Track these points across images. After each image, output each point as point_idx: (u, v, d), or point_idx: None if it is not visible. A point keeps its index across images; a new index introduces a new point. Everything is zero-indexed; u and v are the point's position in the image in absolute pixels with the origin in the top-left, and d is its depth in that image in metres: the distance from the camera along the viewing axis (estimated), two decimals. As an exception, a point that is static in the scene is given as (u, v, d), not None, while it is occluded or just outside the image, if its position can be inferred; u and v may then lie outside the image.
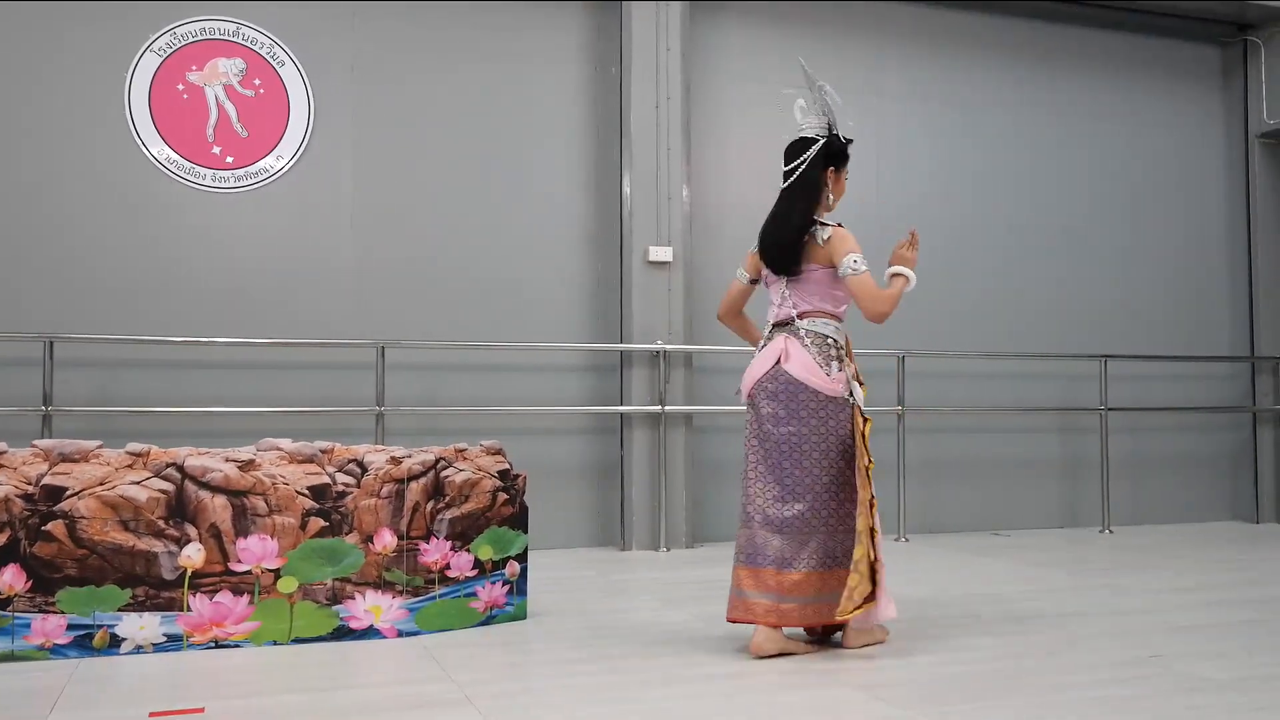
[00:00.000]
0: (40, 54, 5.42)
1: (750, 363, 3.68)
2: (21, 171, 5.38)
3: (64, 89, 5.45)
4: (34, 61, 5.41)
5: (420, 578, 3.76)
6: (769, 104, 6.72)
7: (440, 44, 6.08)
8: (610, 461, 6.22)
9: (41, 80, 5.42)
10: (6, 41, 5.38)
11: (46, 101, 5.43)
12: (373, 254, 5.91)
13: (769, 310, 3.75)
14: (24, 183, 5.38)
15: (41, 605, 3.34)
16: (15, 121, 5.38)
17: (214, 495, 3.54)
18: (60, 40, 5.45)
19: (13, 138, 5.37)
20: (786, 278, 3.71)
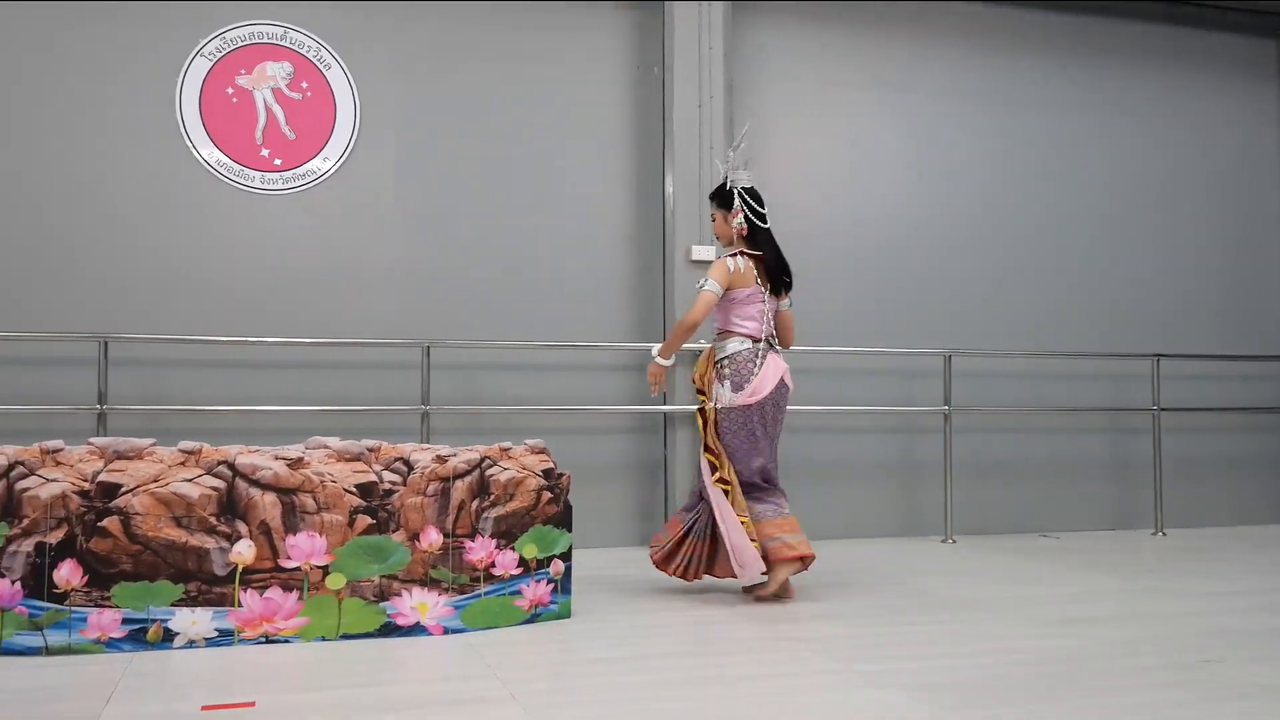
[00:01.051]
0: (94, 59, 5.55)
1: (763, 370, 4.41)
2: (76, 175, 5.51)
3: (117, 93, 5.57)
4: (88, 66, 5.54)
5: (465, 575, 3.80)
6: (811, 103, 6.71)
7: (483, 45, 6.14)
8: (653, 460, 6.25)
9: (95, 85, 5.55)
10: (62, 46, 5.51)
11: (100, 105, 5.55)
12: (417, 254, 5.98)
13: (747, 324, 4.47)
14: (79, 186, 5.51)
15: (98, 600, 3.43)
16: (70, 125, 5.51)
17: (264, 493, 3.62)
18: (113, 45, 5.57)
19: (68, 141, 5.50)
20: (773, 300, 4.55)
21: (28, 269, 5.41)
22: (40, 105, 5.48)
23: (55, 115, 5.49)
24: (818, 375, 6.54)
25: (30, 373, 5.34)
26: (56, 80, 5.50)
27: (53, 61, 5.49)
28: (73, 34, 5.52)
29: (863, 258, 6.73)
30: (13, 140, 5.43)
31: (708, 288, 4.36)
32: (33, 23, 5.47)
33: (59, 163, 5.49)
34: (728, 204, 4.52)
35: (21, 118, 5.45)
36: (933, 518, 6.67)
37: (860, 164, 6.79)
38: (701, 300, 4.35)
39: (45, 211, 5.46)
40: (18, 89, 5.45)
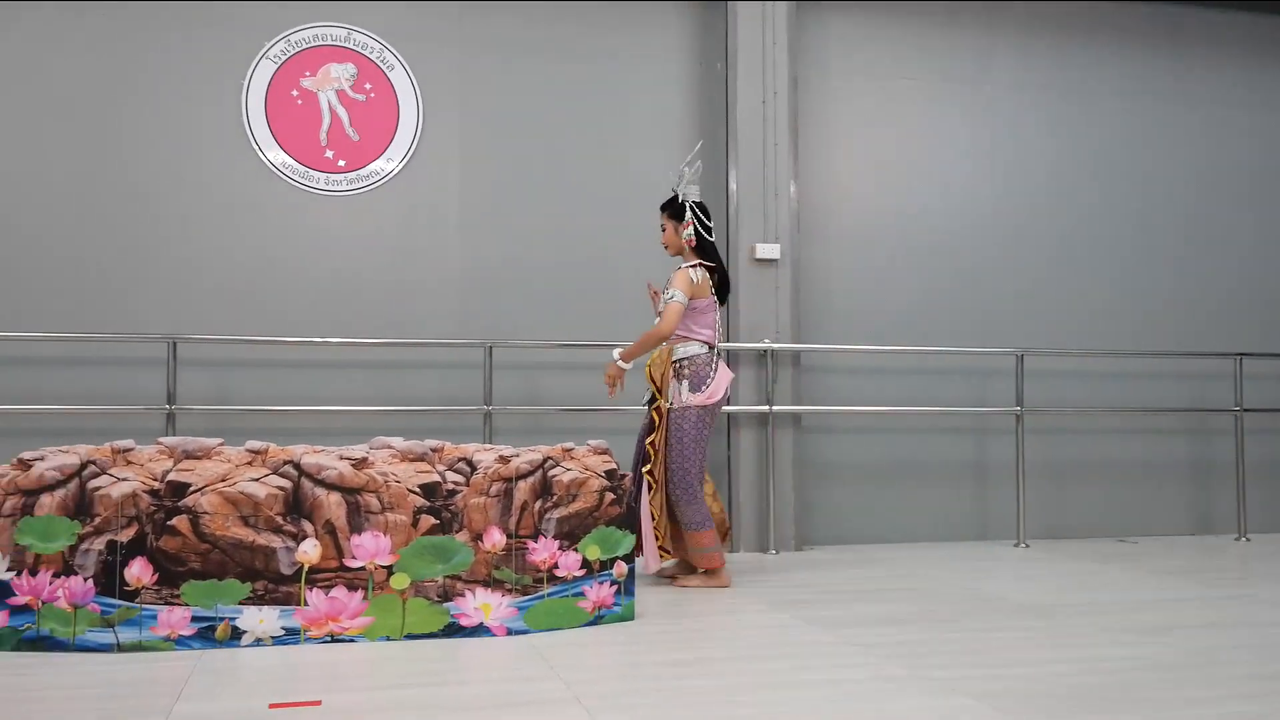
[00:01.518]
0: (161, 63, 5.68)
1: (718, 374, 4.68)
2: (145, 178, 5.65)
3: (184, 97, 5.70)
4: (156, 71, 5.67)
5: (529, 576, 3.83)
6: (876, 97, 6.65)
7: (545, 43, 6.18)
8: (717, 462, 6.23)
9: (163, 89, 5.68)
10: (129, 50, 5.65)
11: (168, 109, 5.68)
12: (479, 254, 6.03)
13: (704, 331, 4.72)
14: (148, 189, 5.65)
15: (167, 597, 3.51)
16: (139, 129, 5.65)
17: (329, 492, 3.67)
18: (180, 49, 5.70)
19: (137, 145, 5.64)
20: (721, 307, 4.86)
21: (99, 271, 5.56)
22: (109, 109, 5.62)
23: (124, 119, 5.64)
24: (887, 375, 6.48)
25: (101, 373, 5.48)
26: (125, 84, 5.64)
27: (121, 66, 5.64)
28: (140, 38, 5.66)
29: (931, 255, 6.66)
30: (83, 144, 5.58)
31: (676, 299, 4.59)
32: (101, 28, 5.62)
33: (128, 166, 5.63)
34: (679, 216, 4.78)
35: (91, 122, 5.60)
36: (1004, 521, 6.58)
37: (928, 158, 6.71)
38: (672, 311, 4.59)
39: (115, 214, 5.60)
40: (86, 93, 5.60)
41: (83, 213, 5.57)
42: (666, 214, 4.84)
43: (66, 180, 5.56)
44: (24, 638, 3.42)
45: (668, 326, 4.58)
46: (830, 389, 6.40)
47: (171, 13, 5.70)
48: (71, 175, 5.57)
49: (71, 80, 5.58)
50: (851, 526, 6.40)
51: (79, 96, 5.59)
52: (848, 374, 6.46)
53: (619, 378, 4.75)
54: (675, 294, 4.60)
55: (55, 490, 3.52)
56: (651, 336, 4.62)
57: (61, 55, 5.57)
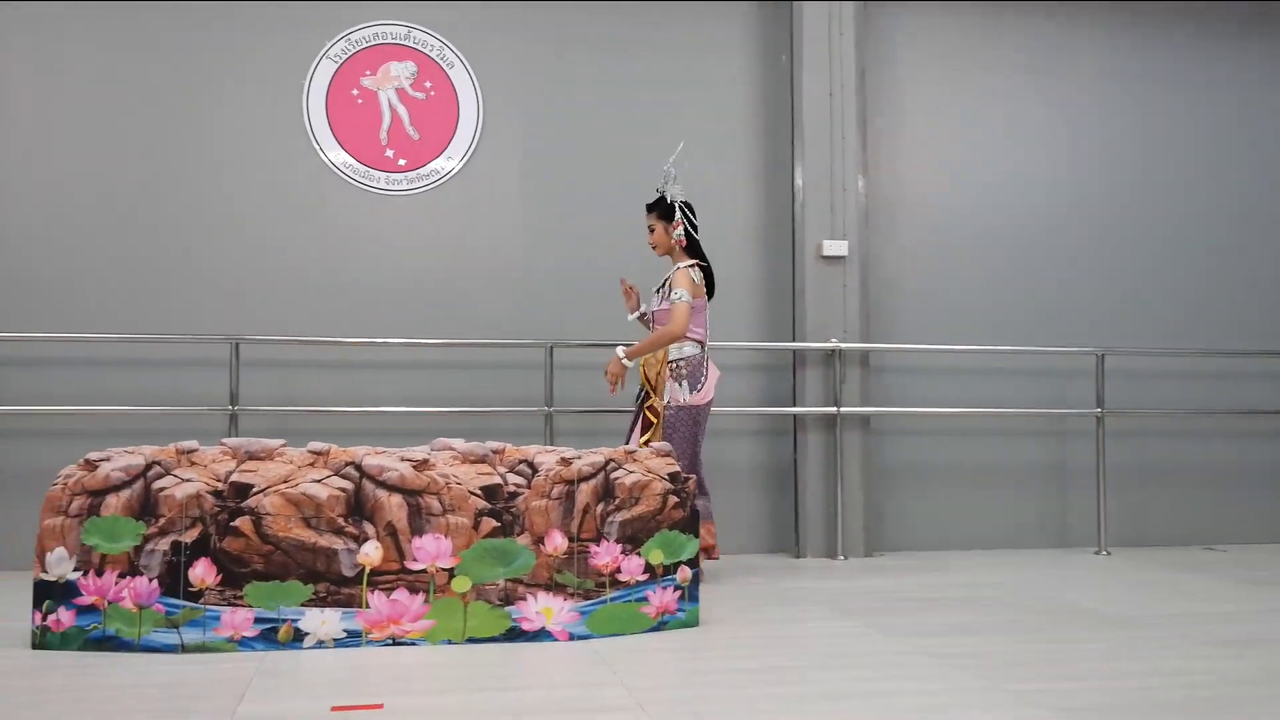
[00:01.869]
0: (223, 64, 5.79)
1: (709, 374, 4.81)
2: (207, 179, 5.75)
3: (245, 97, 5.80)
4: (217, 71, 5.78)
5: (591, 580, 3.83)
6: (949, 88, 6.57)
7: (604, 38, 6.19)
8: (783, 465, 6.20)
9: (224, 89, 5.79)
10: (191, 52, 5.76)
11: (229, 110, 5.79)
12: (540, 252, 6.06)
13: (698, 330, 4.85)
14: (209, 189, 5.75)
15: (230, 599, 3.57)
16: (200, 130, 5.76)
17: (390, 494, 3.71)
18: (241, 50, 5.80)
19: (199, 146, 5.75)
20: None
21: (163, 272, 5.67)
22: (171, 110, 5.73)
23: (186, 120, 5.75)
24: (960, 375, 6.39)
25: (166, 374, 5.60)
26: (186, 85, 5.75)
27: (182, 66, 5.75)
28: (202, 40, 5.77)
29: (1006, 250, 6.55)
30: (145, 145, 5.70)
31: (685, 299, 4.72)
32: (164, 30, 5.73)
33: (190, 167, 5.74)
34: (669, 215, 4.91)
35: (154, 124, 5.72)
36: (1084, 528, 6.45)
37: (1003, 151, 6.61)
38: (682, 312, 4.71)
39: (177, 215, 5.71)
40: (148, 94, 5.72)
41: (147, 214, 5.68)
42: (655, 214, 4.93)
43: (130, 182, 5.68)
44: (90, 637, 3.50)
45: (679, 328, 4.69)
46: (900, 390, 6.33)
47: (233, 14, 5.80)
48: (135, 177, 5.69)
49: (134, 82, 5.71)
50: (923, 532, 6.32)
51: (142, 98, 5.71)
52: (919, 374, 6.38)
53: (621, 375, 4.82)
54: (683, 294, 4.72)
55: (121, 491, 3.59)
56: (663, 336, 4.71)
57: (124, 58, 5.70)
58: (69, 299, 5.57)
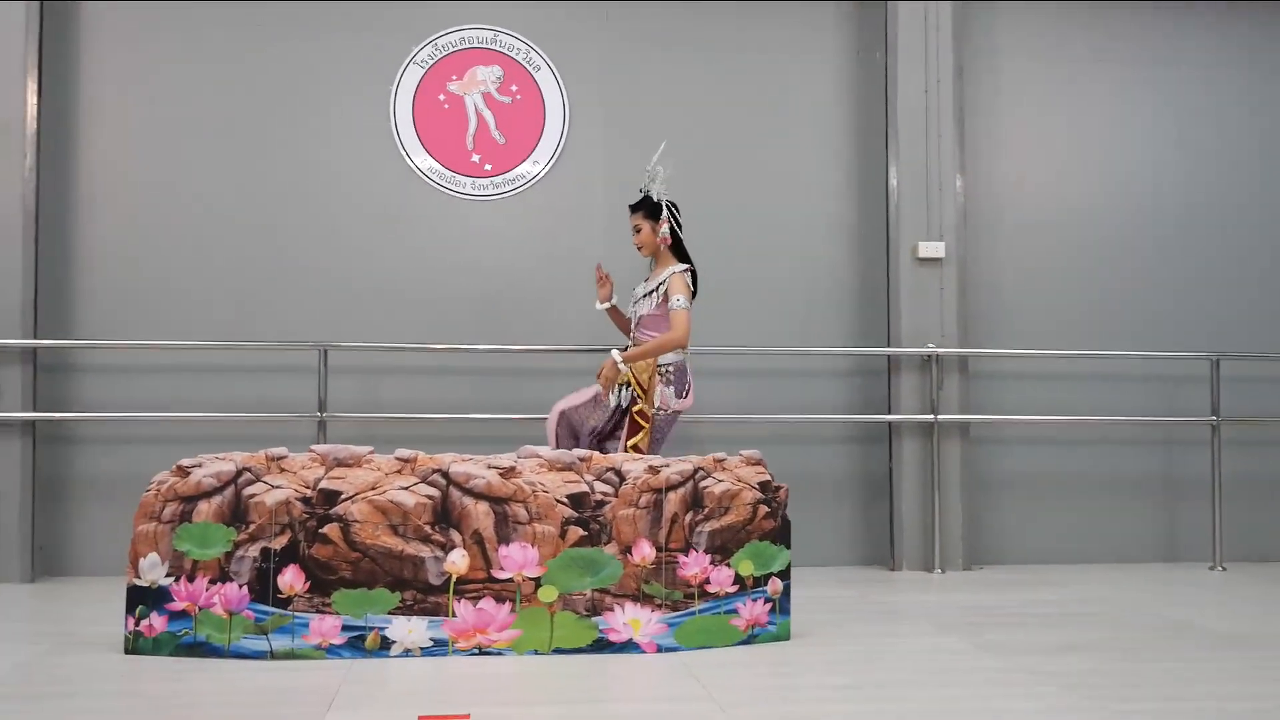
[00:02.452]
0: (310, 72, 5.92)
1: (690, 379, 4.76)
2: (295, 185, 5.89)
3: (333, 104, 5.92)
4: (304, 79, 5.92)
5: (679, 592, 3.83)
6: (1051, 82, 6.43)
7: (692, 38, 6.19)
8: (878, 474, 6.13)
9: (313, 97, 5.92)
10: (279, 59, 5.90)
11: (317, 116, 5.92)
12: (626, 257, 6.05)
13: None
14: (297, 196, 5.89)
15: (319, 605, 3.64)
16: (288, 137, 5.90)
17: (477, 502, 3.75)
18: (329, 57, 5.93)
19: (287, 152, 5.89)
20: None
21: (252, 279, 5.82)
22: (260, 118, 5.88)
23: (275, 128, 5.89)
24: (1064, 381, 6.25)
25: (255, 381, 5.74)
26: (275, 93, 5.90)
27: (271, 75, 5.90)
28: (290, 47, 5.91)
29: (1112, 250, 6.39)
30: (234, 154, 5.86)
31: (684, 305, 4.65)
32: (252, 37, 5.88)
33: (278, 173, 5.88)
34: (655, 214, 4.82)
35: (241, 131, 5.87)
36: (1197, 542, 6.25)
37: (1108, 146, 6.45)
38: (684, 319, 4.63)
39: (265, 222, 5.86)
40: (237, 103, 5.87)
41: (234, 221, 5.84)
42: (642, 213, 4.85)
43: (218, 189, 5.84)
44: (181, 643, 3.60)
45: (682, 335, 4.63)
46: (1001, 397, 6.21)
47: (320, 20, 5.93)
48: (223, 183, 5.85)
49: (223, 92, 5.87)
50: (1024, 545, 6.19)
51: (231, 107, 5.87)
52: (1020, 380, 6.25)
53: (616, 379, 4.70)
54: (682, 300, 4.66)
55: (212, 497, 3.69)
56: (666, 343, 4.62)
57: (213, 68, 5.86)
58: (162, 307, 5.74)
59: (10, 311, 5.39)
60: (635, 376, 4.69)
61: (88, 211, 5.75)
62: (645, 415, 4.65)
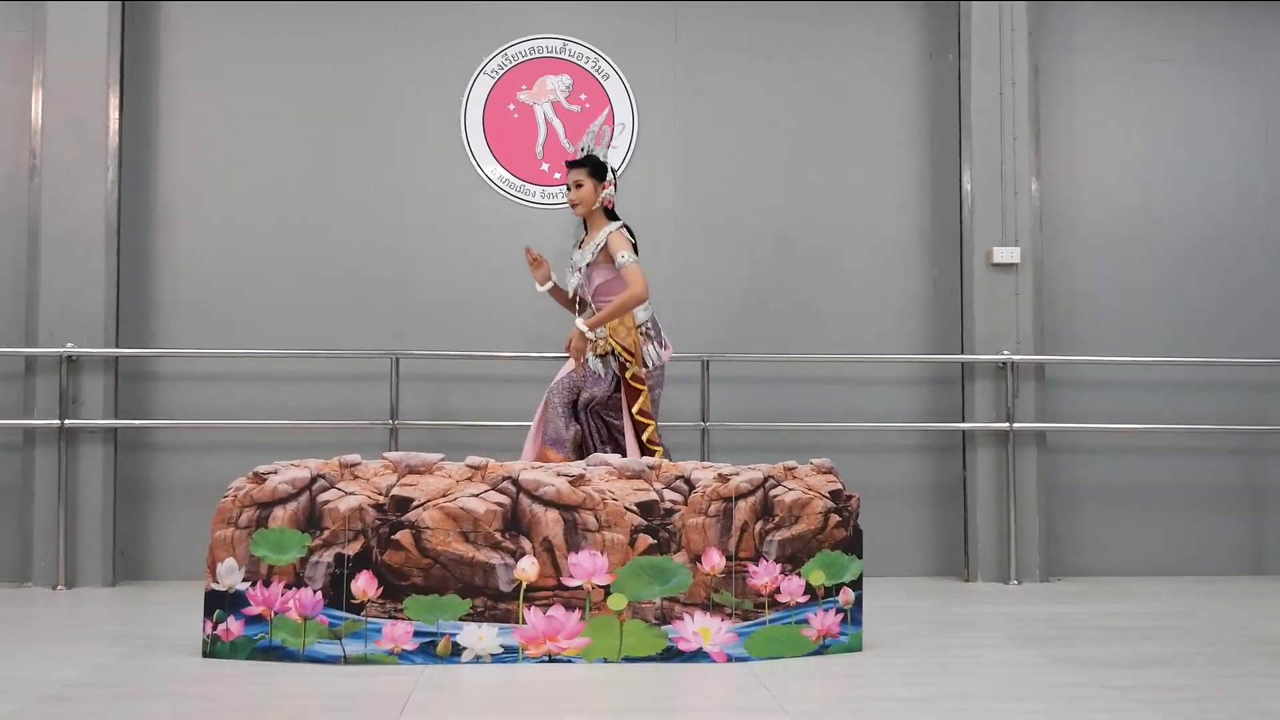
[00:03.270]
0: (382, 82, 6.02)
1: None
2: (366, 194, 5.99)
3: (404, 113, 6.02)
4: (377, 90, 6.02)
5: (749, 601, 3.83)
6: (1130, 82, 6.32)
7: (762, 43, 6.18)
8: (951, 483, 6.06)
9: (385, 107, 6.02)
10: (353, 70, 6.01)
11: (389, 126, 6.01)
12: (694, 264, 6.08)
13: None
14: (369, 205, 5.99)
15: (391, 611, 3.70)
16: (361, 148, 6.00)
17: (547, 509, 3.79)
18: (401, 68, 6.02)
19: (358, 162, 5.99)
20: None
21: (325, 288, 5.92)
22: (332, 128, 5.99)
23: (347, 138, 6.00)
24: (1145, 389, 6.13)
25: (329, 388, 5.84)
26: (348, 104, 6.01)
27: (344, 85, 6.00)
28: (362, 58, 6.01)
29: (1194, 254, 6.26)
30: (307, 164, 5.98)
31: (633, 260, 4.58)
32: (326, 48, 6.00)
33: (351, 183, 5.99)
34: (600, 175, 4.75)
35: (314, 141, 5.98)
36: (1287, 555, 6.10)
37: (1189, 148, 6.31)
38: (637, 272, 4.56)
39: (339, 231, 5.96)
40: (310, 114, 5.99)
41: (308, 231, 5.95)
42: (587, 170, 4.73)
43: (293, 199, 5.96)
44: (258, 647, 3.68)
45: (642, 289, 4.56)
46: (1079, 405, 6.11)
47: (393, 32, 6.02)
48: (297, 194, 5.96)
49: (296, 102, 5.99)
50: (1103, 556, 6.08)
51: (304, 118, 5.98)
52: (1099, 388, 6.15)
53: (585, 349, 4.62)
54: (628, 255, 4.58)
55: (287, 503, 3.77)
56: (628, 301, 4.55)
57: (286, 79, 5.98)
58: (238, 315, 5.87)
59: (93, 321, 5.55)
60: (618, 342, 4.62)
61: (166, 222, 5.90)
62: (640, 378, 4.63)
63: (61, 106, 5.63)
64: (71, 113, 5.63)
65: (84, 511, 5.50)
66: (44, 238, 5.57)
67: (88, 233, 5.59)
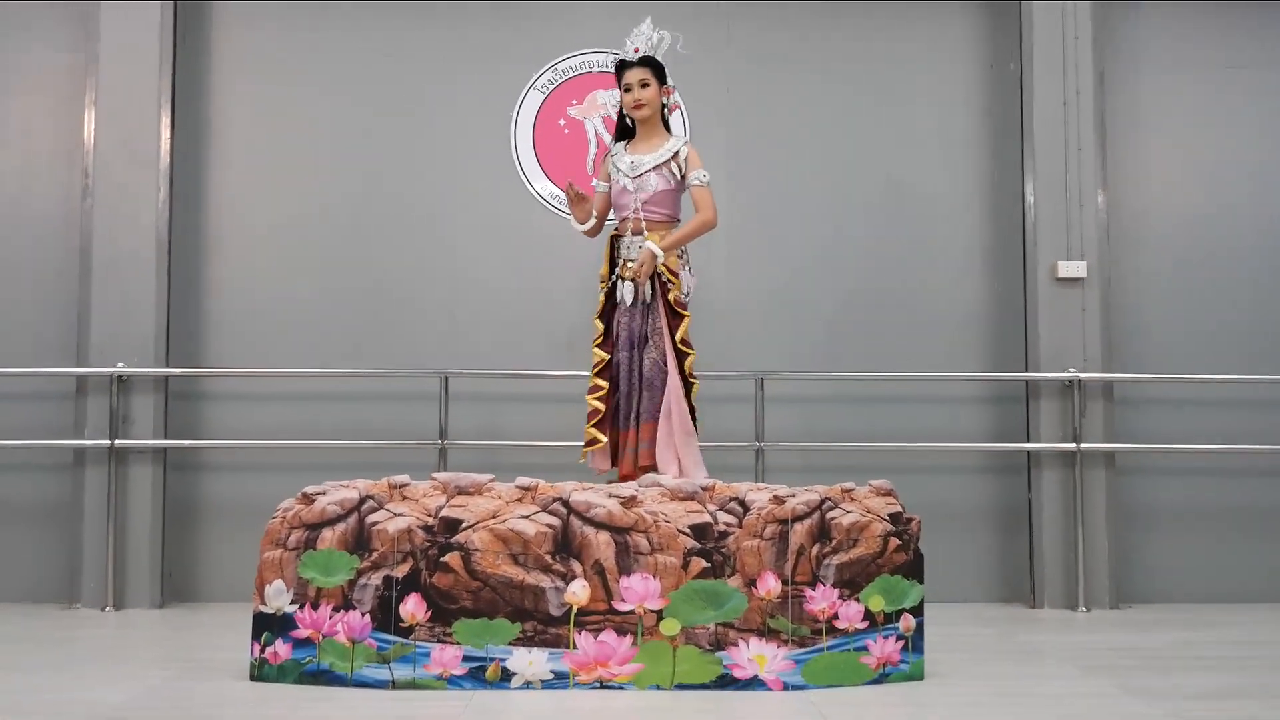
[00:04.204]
0: (432, 100, 6.07)
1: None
2: (416, 212, 6.04)
3: (455, 132, 6.06)
4: (426, 108, 6.07)
5: (806, 627, 3.78)
6: (1200, 90, 6.21)
7: (816, 52, 6.16)
8: (1016, 506, 5.96)
9: (434, 124, 6.07)
10: (402, 89, 6.07)
11: (440, 145, 6.06)
12: (746, 281, 6.06)
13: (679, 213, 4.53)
14: (418, 223, 6.03)
15: (440, 635, 3.70)
16: (411, 166, 6.05)
17: (598, 531, 3.77)
18: (450, 85, 6.07)
19: (408, 179, 6.04)
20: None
21: (374, 306, 5.97)
22: (381, 146, 6.05)
23: (395, 155, 6.06)
24: (1218, 408, 6.00)
25: (378, 407, 5.88)
26: (396, 122, 6.06)
27: (393, 104, 6.06)
28: (412, 75, 6.07)
29: (1271, 267, 6.12)
30: (356, 182, 6.04)
31: (708, 182, 4.41)
32: (375, 64, 6.07)
33: (400, 201, 6.04)
34: (663, 77, 4.54)
35: (363, 158, 6.05)
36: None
37: (1265, 157, 6.18)
38: (711, 197, 4.42)
39: (388, 249, 6.01)
40: (358, 131, 6.05)
41: (356, 248, 6.01)
42: (652, 70, 4.48)
43: (341, 217, 6.02)
44: (305, 670, 3.69)
45: (715, 215, 4.41)
46: (1149, 424, 5.99)
47: (441, 49, 6.08)
48: (346, 212, 6.02)
49: (345, 118, 6.06)
50: (1177, 582, 5.94)
51: (352, 134, 6.05)
52: (1170, 406, 6.02)
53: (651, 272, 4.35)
54: (705, 175, 4.40)
55: (336, 525, 3.79)
56: (702, 226, 4.38)
57: (336, 98, 6.06)
58: (287, 334, 5.93)
59: (144, 340, 5.64)
60: (666, 265, 4.39)
61: (217, 241, 5.99)
62: (682, 303, 4.40)
63: (114, 127, 5.74)
64: (123, 133, 5.74)
65: (133, 532, 5.58)
66: (95, 257, 5.68)
67: (139, 252, 5.69)
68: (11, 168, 5.95)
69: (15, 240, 5.91)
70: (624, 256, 4.46)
